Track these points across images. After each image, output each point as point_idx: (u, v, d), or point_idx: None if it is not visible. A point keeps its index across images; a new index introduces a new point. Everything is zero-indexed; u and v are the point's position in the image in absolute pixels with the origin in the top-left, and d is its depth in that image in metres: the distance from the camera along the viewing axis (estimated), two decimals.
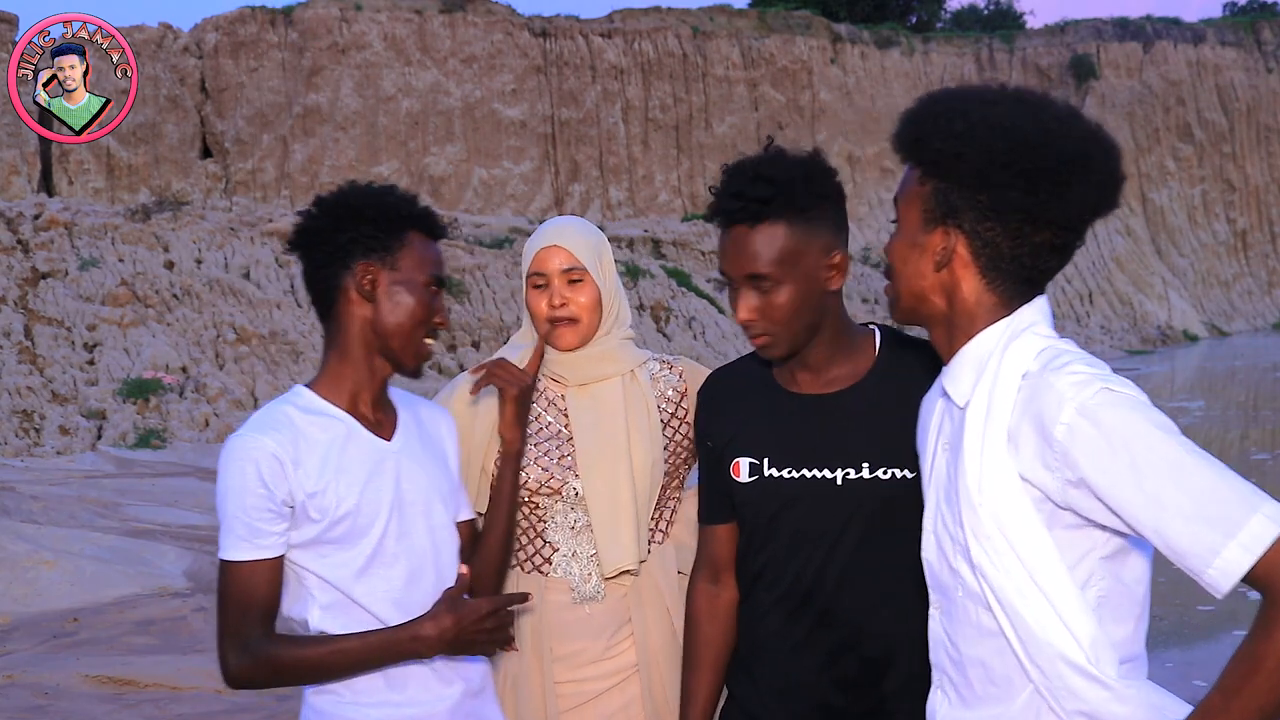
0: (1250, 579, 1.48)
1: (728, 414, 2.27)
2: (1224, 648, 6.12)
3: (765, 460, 2.18)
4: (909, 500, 1.96)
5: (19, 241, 19.92)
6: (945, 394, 1.79)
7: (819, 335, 2.14)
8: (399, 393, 2.34)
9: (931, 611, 1.82)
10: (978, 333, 1.73)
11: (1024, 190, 1.66)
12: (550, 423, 2.55)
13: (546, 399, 2.58)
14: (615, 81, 34.09)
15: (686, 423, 2.55)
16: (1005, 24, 47.18)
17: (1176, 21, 45.12)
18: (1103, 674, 1.61)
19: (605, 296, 2.53)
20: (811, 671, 2.16)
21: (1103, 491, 1.56)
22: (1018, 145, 1.66)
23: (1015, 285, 1.72)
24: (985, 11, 48.82)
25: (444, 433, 2.38)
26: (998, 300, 1.73)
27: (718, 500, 2.29)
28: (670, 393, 2.59)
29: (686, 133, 34.96)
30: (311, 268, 2.22)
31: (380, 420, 2.24)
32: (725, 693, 2.35)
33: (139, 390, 16.87)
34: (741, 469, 2.20)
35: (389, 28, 31.15)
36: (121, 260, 20.39)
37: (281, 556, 2.11)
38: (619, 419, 2.51)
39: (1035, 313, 1.73)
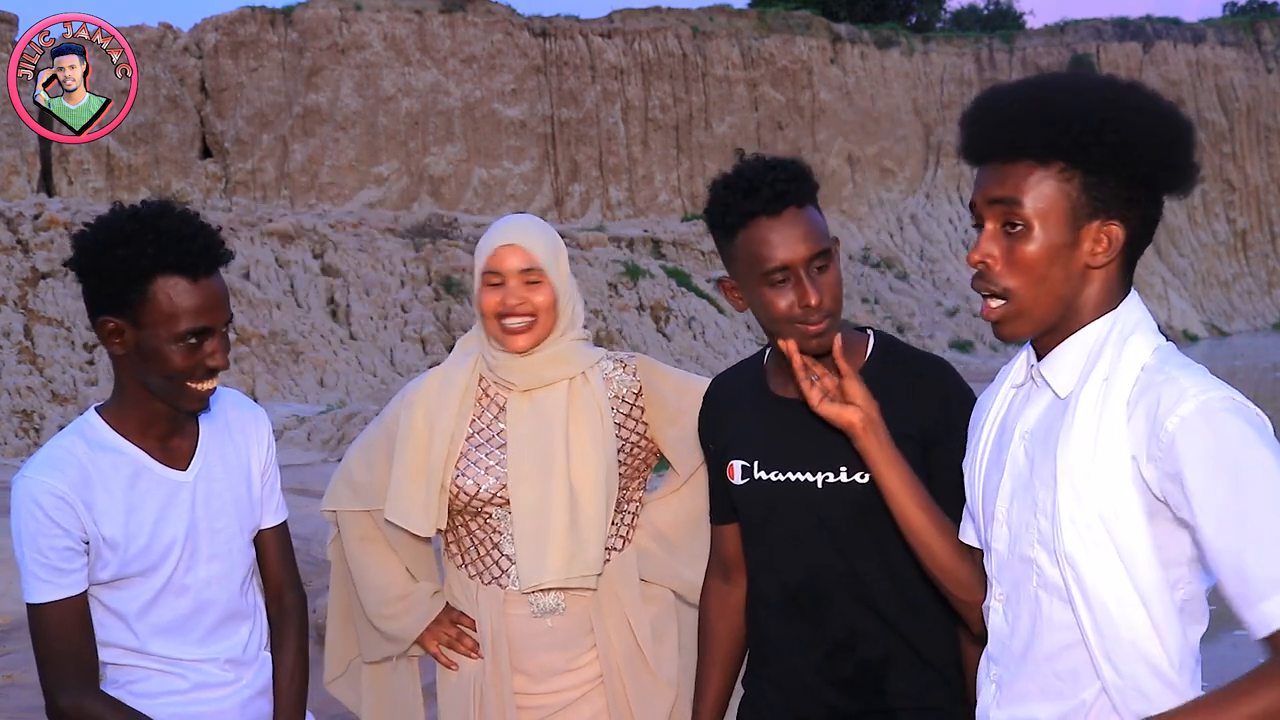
0: None
1: (725, 417, 2.28)
2: (1222, 648, 6.07)
3: (756, 463, 2.19)
4: (883, 505, 1.97)
5: (19, 241, 19.91)
6: (1037, 383, 1.73)
7: None
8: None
9: (993, 604, 1.77)
10: (1085, 324, 1.67)
11: (1168, 165, 1.63)
12: (502, 429, 2.46)
13: (496, 405, 2.48)
14: (615, 81, 34.08)
15: (643, 422, 2.50)
16: (1005, 24, 47.18)
17: (1176, 21, 45.11)
18: (1181, 682, 1.57)
19: (561, 299, 2.44)
20: (810, 673, 2.17)
21: (1193, 492, 1.51)
22: (1162, 123, 1.63)
23: (1130, 271, 1.69)
24: (985, 11, 48.83)
25: (251, 437, 2.25)
26: (1119, 288, 1.68)
27: (721, 501, 2.30)
28: (624, 392, 2.50)
29: (686, 133, 34.95)
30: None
31: (175, 447, 2.12)
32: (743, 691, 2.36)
33: None
34: (735, 471, 2.21)
35: (389, 28, 31.14)
36: None
37: (86, 592, 2.03)
38: (558, 427, 2.41)
39: (1141, 310, 1.69)
